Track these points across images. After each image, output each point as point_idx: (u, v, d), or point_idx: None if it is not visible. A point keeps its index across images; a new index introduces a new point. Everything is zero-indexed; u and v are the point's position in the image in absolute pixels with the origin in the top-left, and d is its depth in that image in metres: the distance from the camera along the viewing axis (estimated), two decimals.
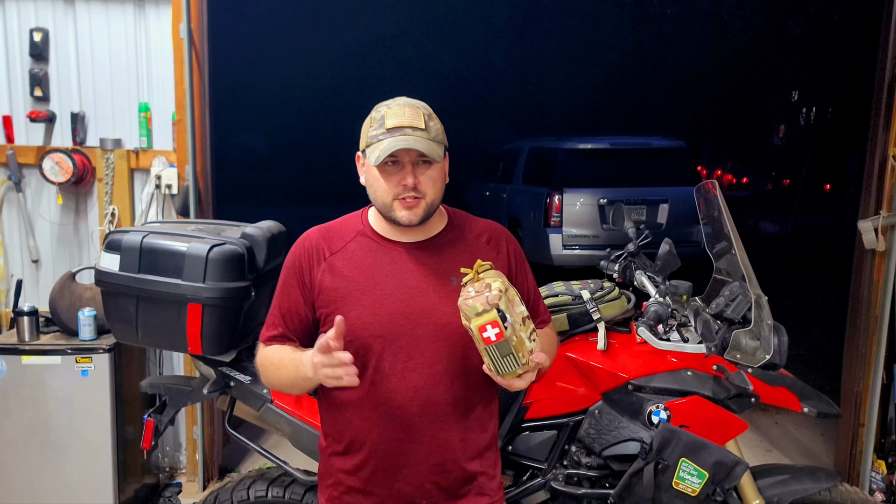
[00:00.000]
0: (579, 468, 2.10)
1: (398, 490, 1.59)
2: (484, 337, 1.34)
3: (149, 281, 2.02)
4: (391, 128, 1.48)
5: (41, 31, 3.16)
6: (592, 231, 7.73)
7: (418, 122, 1.49)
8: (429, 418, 1.55)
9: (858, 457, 3.21)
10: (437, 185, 1.54)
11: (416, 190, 1.50)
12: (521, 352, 1.36)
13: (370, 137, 1.51)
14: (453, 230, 1.64)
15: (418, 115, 1.50)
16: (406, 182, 1.49)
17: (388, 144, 1.46)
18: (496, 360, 1.37)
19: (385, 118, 1.49)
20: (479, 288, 1.38)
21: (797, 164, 15.04)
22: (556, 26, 18.72)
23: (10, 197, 3.27)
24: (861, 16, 11.68)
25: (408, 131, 1.47)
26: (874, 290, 3.12)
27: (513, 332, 1.35)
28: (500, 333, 1.33)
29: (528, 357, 1.38)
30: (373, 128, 1.51)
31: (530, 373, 1.41)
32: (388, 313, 1.53)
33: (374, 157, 1.47)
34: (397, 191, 1.50)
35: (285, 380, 1.56)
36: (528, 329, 1.41)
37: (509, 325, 1.34)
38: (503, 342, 1.33)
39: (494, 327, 1.33)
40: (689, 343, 2.07)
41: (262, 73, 16.89)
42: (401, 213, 1.51)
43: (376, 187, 1.53)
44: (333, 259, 1.58)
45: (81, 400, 2.91)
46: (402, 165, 1.50)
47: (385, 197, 1.52)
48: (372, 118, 1.53)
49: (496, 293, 1.34)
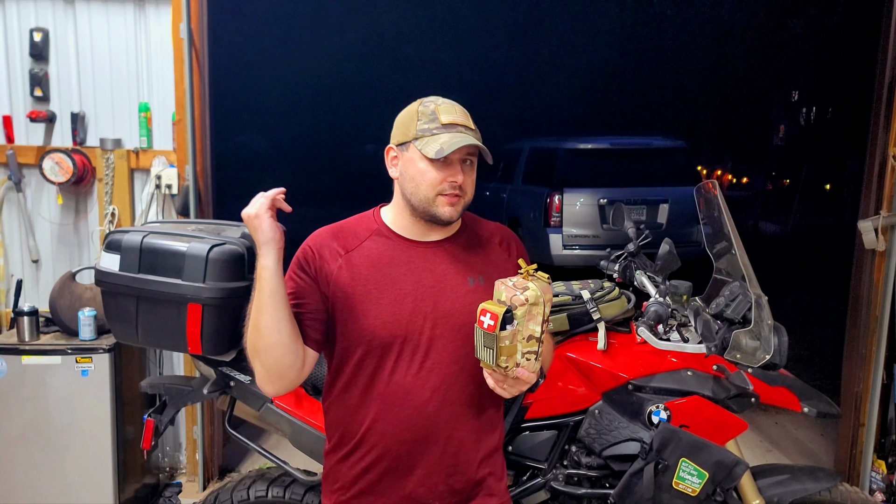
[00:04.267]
0: (579, 468, 2.10)
1: (410, 492, 1.58)
2: (479, 319, 1.39)
3: (149, 281, 2.01)
4: (447, 123, 1.49)
5: (41, 31, 3.16)
6: (592, 231, 7.73)
7: (469, 122, 1.52)
8: (444, 418, 1.55)
9: (858, 457, 3.21)
10: (474, 186, 1.56)
11: (461, 188, 1.51)
12: (505, 356, 1.38)
13: (421, 130, 1.50)
14: (467, 231, 1.65)
15: (467, 115, 1.53)
16: (456, 179, 1.50)
17: (449, 139, 1.47)
18: (477, 342, 1.42)
19: (438, 113, 1.50)
20: (518, 284, 1.41)
21: (797, 164, 15.05)
22: (556, 26, 18.73)
23: (10, 197, 3.27)
24: (861, 16, 11.69)
25: (461, 129, 1.49)
26: (874, 290, 3.12)
27: (510, 337, 1.37)
28: (492, 327, 1.36)
29: (509, 365, 1.40)
30: (422, 121, 1.50)
31: (503, 379, 1.44)
32: (407, 312, 1.52)
33: (433, 150, 1.46)
34: (443, 187, 1.50)
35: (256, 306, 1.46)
36: (530, 347, 1.41)
37: (510, 331, 1.37)
38: (491, 335, 1.37)
39: (493, 319, 1.36)
40: (689, 343, 2.07)
41: (262, 73, 16.91)
42: (444, 208, 1.51)
43: (420, 181, 1.51)
44: (350, 257, 1.55)
45: (81, 400, 2.91)
46: (450, 162, 1.49)
47: (429, 191, 1.51)
48: (419, 112, 1.52)
49: (523, 299, 1.37)
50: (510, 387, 1.45)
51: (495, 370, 1.41)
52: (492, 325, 1.36)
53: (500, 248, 1.66)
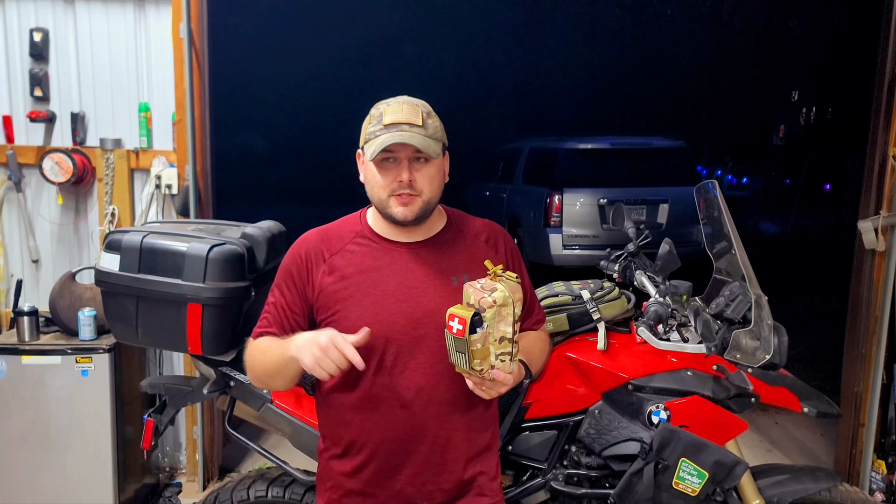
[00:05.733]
0: (579, 468, 2.10)
1: (399, 491, 1.59)
2: (448, 324, 1.39)
3: (149, 281, 2.02)
4: (388, 124, 1.48)
5: (41, 31, 3.16)
6: (592, 231, 7.73)
7: (416, 119, 1.49)
8: (431, 418, 1.55)
9: (858, 457, 3.21)
10: (434, 183, 1.54)
11: (411, 187, 1.50)
12: (479, 359, 1.38)
13: (368, 134, 1.51)
14: (452, 229, 1.64)
15: (416, 112, 1.51)
16: (401, 178, 1.49)
17: (383, 139, 1.47)
18: (450, 347, 1.42)
19: (383, 115, 1.50)
20: (486, 286, 1.40)
21: (797, 164, 15.03)
22: (556, 26, 18.72)
23: (10, 197, 3.27)
24: (861, 16, 11.69)
25: (404, 127, 1.48)
26: (874, 290, 3.12)
27: (481, 340, 1.37)
28: (461, 331, 1.36)
29: (484, 367, 1.39)
30: (371, 124, 1.52)
31: (481, 382, 1.43)
32: (390, 313, 1.53)
33: (370, 152, 1.48)
34: (392, 187, 1.50)
35: (269, 363, 1.54)
36: (503, 349, 1.41)
37: (480, 334, 1.36)
38: (461, 340, 1.36)
39: (461, 324, 1.36)
40: (689, 343, 2.07)
41: (262, 73, 16.90)
42: (396, 209, 1.52)
43: (372, 183, 1.54)
44: (333, 260, 1.57)
45: (81, 400, 2.91)
46: (398, 162, 1.50)
47: (381, 193, 1.52)
48: (371, 115, 1.54)
49: (490, 301, 1.37)
50: (489, 388, 1.45)
51: (470, 374, 1.41)
52: (461, 330, 1.35)
53: (486, 246, 1.64)
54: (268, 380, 1.61)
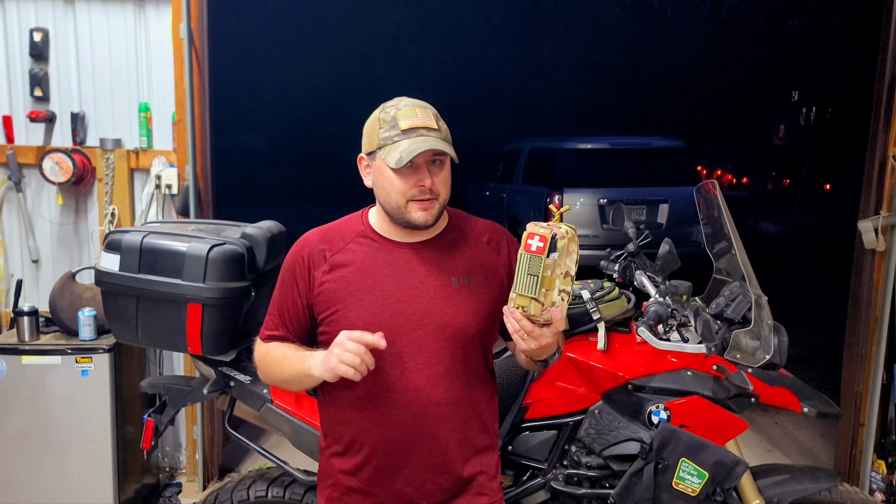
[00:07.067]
0: (579, 468, 2.10)
1: (398, 490, 1.59)
2: (527, 242, 1.34)
3: (149, 281, 2.02)
4: (406, 129, 1.46)
5: (41, 31, 3.16)
6: (592, 231, 7.72)
7: (431, 123, 1.48)
8: (429, 418, 1.55)
9: (858, 457, 3.21)
10: (447, 185, 1.54)
11: (431, 191, 1.49)
12: (546, 287, 1.33)
13: (383, 139, 1.48)
14: (454, 230, 1.64)
15: (429, 115, 1.50)
16: (424, 183, 1.48)
17: (408, 146, 1.44)
18: (520, 273, 1.35)
19: (398, 119, 1.47)
20: (553, 225, 1.38)
21: (797, 164, 15.04)
22: (556, 26, 18.74)
23: (10, 197, 3.27)
24: (861, 16, 11.69)
25: (423, 132, 1.46)
26: (874, 290, 3.12)
27: (552, 267, 1.33)
28: (541, 248, 1.31)
29: (546, 300, 1.34)
30: (384, 129, 1.49)
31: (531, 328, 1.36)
32: (389, 314, 1.53)
33: (393, 159, 1.45)
34: (413, 192, 1.49)
35: (286, 374, 1.56)
36: (565, 286, 1.38)
37: (553, 260, 1.33)
38: (537, 259, 1.32)
39: (542, 241, 1.32)
40: (689, 343, 2.07)
41: (262, 73, 16.92)
42: (417, 214, 1.50)
43: (389, 189, 1.50)
44: (334, 259, 1.57)
45: (81, 400, 2.91)
46: (417, 167, 1.48)
47: (399, 199, 1.50)
48: (381, 119, 1.50)
49: (564, 230, 1.35)
50: (536, 335, 1.37)
51: (532, 304, 1.34)
52: (541, 248, 1.31)
53: (487, 248, 1.63)
54: (282, 385, 1.65)
